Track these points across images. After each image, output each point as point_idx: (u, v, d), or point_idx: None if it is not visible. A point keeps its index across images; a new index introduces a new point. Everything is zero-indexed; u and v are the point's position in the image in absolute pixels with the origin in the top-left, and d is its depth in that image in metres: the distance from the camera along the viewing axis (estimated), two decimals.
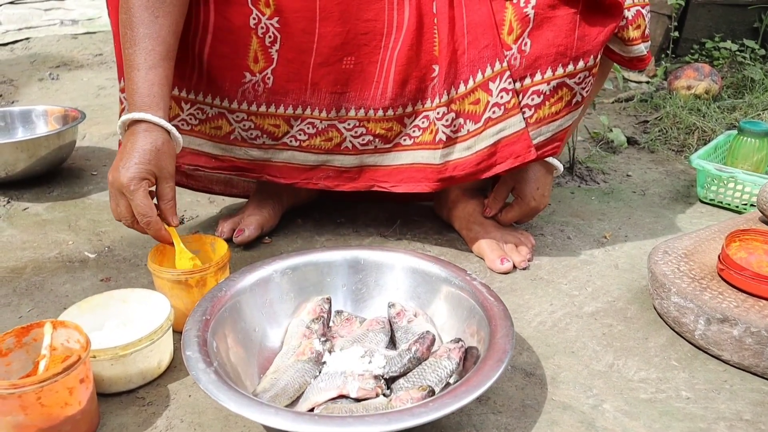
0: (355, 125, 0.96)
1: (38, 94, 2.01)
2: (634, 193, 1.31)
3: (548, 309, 0.89)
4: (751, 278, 0.78)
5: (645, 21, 0.89)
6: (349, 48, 0.92)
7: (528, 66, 0.86)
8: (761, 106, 1.76)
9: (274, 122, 0.97)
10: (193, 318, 0.68)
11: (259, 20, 0.90)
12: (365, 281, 0.83)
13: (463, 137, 0.92)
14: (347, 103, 0.95)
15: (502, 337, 0.66)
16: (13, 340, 0.66)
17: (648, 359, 0.79)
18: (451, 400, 0.57)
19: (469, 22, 0.88)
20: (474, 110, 0.90)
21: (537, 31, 0.85)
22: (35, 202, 1.23)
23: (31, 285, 0.94)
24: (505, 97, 0.88)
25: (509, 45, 0.86)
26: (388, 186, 0.99)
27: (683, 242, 0.92)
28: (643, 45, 0.91)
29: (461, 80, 0.89)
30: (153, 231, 0.80)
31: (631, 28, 0.88)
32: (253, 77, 0.94)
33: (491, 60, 0.87)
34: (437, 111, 0.92)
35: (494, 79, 0.88)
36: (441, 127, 0.92)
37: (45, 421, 0.60)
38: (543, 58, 0.85)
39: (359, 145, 0.97)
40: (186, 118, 0.98)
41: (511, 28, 0.86)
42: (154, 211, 0.79)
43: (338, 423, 0.55)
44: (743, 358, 0.75)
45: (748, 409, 0.70)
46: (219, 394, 0.57)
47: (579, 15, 0.83)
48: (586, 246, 1.08)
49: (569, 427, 0.67)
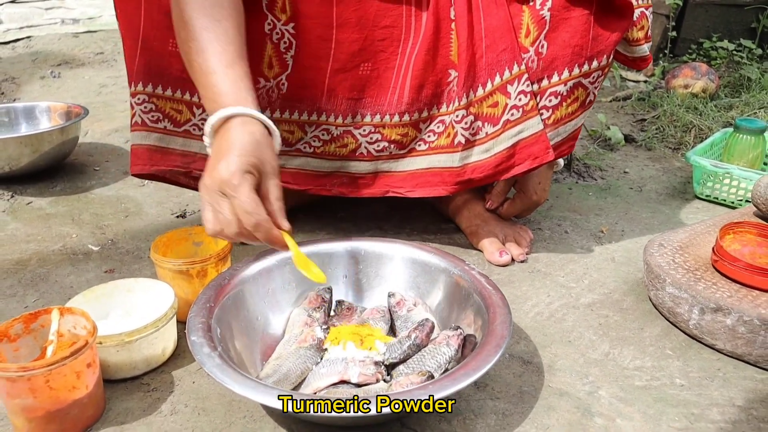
0: (371, 131, 0.96)
1: (40, 92, 2.03)
2: (631, 189, 1.33)
3: (545, 300, 0.91)
4: (744, 269, 0.80)
5: (648, 22, 0.91)
6: (367, 54, 0.92)
7: (545, 68, 0.87)
8: (758, 104, 1.78)
9: (289, 128, 0.97)
10: (197, 305, 0.69)
11: (274, 26, 0.90)
12: (366, 272, 0.84)
13: (482, 140, 0.92)
14: (363, 109, 0.95)
15: (499, 324, 0.67)
16: (22, 326, 0.67)
17: (643, 348, 0.80)
18: (450, 383, 0.58)
19: (486, 26, 0.88)
20: (492, 113, 0.91)
21: (553, 33, 0.86)
22: (39, 196, 1.25)
23: (36, 276, 0.96)
24: (523, 100, 0.88)
25: (527, 48, 0.87)
26: (404, 191, 0.99)
27: (678, 235, 0.94)
28: (646, 45, 0.93)
29: (479, 83, 0.90)
30: (263, 232, 0.67)
31: (636, 29, 0.90)
32: (267, 83, 0.94)
33: (509, 63, 0.88)
34: (456, 114, 0.92)
35: (512, 81, 0.88)
36: (460, 130, 0.92)
37: (53, 404, 0.61)
38: (560, 59, 0.87)
39: (374, 151, 0.97)
40: (198, 123, 0.97)
41: (528, 30, 0.87)
42: (262, 208, 0.67)
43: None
44: (736, 346, 0.77)
45: (740, 395, 0.72)
46: (224, 377, 0.59)
47: (593, 15, 0.85)
48: (583, 240, 1.09)
49: (565, 413, 0.69)
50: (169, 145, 0.98)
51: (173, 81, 0.93)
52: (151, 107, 0.95)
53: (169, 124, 0.97)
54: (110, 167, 1.39)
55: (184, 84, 0.93)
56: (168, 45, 0.90)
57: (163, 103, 0.95)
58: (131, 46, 0.92)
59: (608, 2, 0.84)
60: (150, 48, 0.91)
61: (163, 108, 0.96)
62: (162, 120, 0.96)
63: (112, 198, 1.24)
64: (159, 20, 0.89)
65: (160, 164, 0.98)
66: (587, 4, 0.84)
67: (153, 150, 0.98)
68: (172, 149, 0.98)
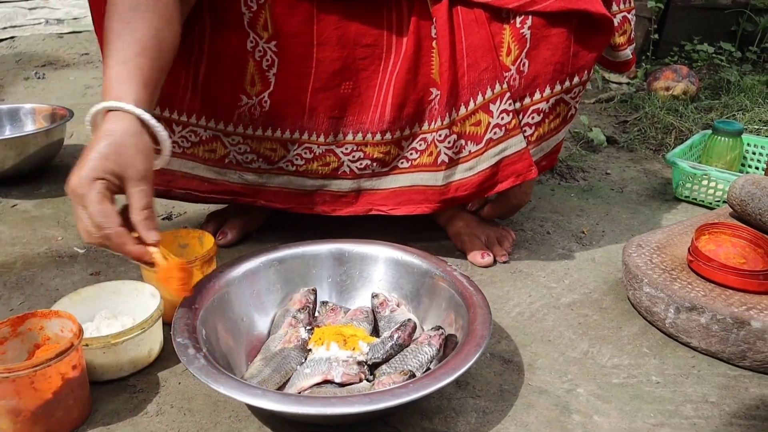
0: (353, 150, 0.95)
1: (24, 93, 2.02)
2: (612, 190, 1.35)
3: (527, 300, 0.93)
4: (718, 268, 0.82)
5: (630, 26, 0.92)
6: (348, 73, 0.92)
7: (527, 86, 0.88)
8: (736, 106, 1.81)
9: (271, 146, 0.96)
10: (183, 307, 0.70)
11: (256, 43, 0.89)
12: (349, 273, 0.86)
13: (465, 158, 0.93)
14: (345, 127, 0.94)
15: (480, 324, 0.69)
16: (9, 330, 0.68)
17: (621, 347, 0.82)
18: (431, 381, 0.60)
19: (468, 45, 0.88)
20: (475, 131, 0.91)
21: (534, 51, 0.86)
22: (24, 199, 1.25)
23: (21, 279, 0.96)
24: (506, 119, 0.89)
25: (508, 66, 0.87)
26: (387, 209, 0.99)
27: (656, 236, 0.96)
28: (629, 49, 0.94)
29: (462, 102, 0.90)
30: (115, 246, 0.63)
31: (617, 34, 0.92)
32: (249, 100, 0.93)
33: (491, 82, 0.88)
34: (439, 133, 0.92)
35: (495, 100, 0.89)
36: (443, 149, 0.92)
37: (38, 405, 0.62)
38: (541, 77, 0.87)
39: (357, 169, 0.97)
40: (178, 141, 0.96)
41: (510, 49, 0.87)
42: (113, 218, 0.62)
43: (323, 403, 0.57)
44: (710, 344, 0.79)
45: (713, 392, 0.74)
46: (208, 379, 0.60)
47: (573, 33, 0.85)
48: (564, 240, 1.11)
49: (544, 410, 0.70)
50: None
51: None
52: None
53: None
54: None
55: (164, 101, 0.92)
56: None
57: None
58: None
59: (588, 19, 0.84)
60: None
61: None
62: None
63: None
64: None
65: None
66: (567, 21, 0.84)
67: None
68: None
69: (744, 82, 2.01)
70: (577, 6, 0.82)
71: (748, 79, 2.05)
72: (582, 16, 0.84)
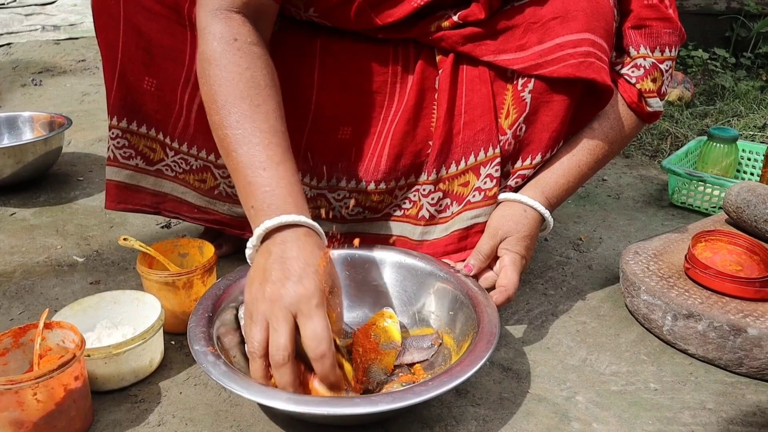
0: (345, 196, 0.92)
1: (21, 100, 2.02)
2: (609, 196, 1.36)
3: (525, 308, 0.93)
4: (715, 276, 0.83)
5: (662, 76, 0.87)
6: (347, 118, 0.89)
7: (520, 149, 0.86)
8: (731, 112, 1.83)
9: None
10: (195, 315, 0.71)
11: None
12: (354, 277, 0.86)
13: (446, 218, 0.89)
14: (339, 173, 0.91)
15: (488, 323, 0.71)
16: (10, 341, 0.68)
17: (619, 354, 0.83)
18: (449, 378, 0.62)
19: (467, 101, 0.85)
20: (462, 192, 0.88)
21: (533, 116, 0.83)
22: (22, 207, 1.25)
23: (20, 288, 0.96)
24: (488, 184, 0.85)
25: (505, 130, 0.85)
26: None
27: (653, 243, 0.97)
28: (658, 99, 0.88)
29: (453, 160, 0.87)
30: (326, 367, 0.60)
31: (648, 79, 0.86)
32: None
33: (485, 144, 0.85)
34: (424, 187, 0.89)
35: (486, 163, 0.85)
36: (426, 205, 0.89)
37: (41, 417, 0.62)
38: (536, 143, 0.85)
39: (348, 215, 0.93)
40: (170, 164, 0.94)
41: (509, 112, 0.84)
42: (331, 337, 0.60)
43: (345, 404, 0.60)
44: (707, 351, 0.80)
45: (711, 398, 0.75)
46: (231, 384, 0.61)
47: (575, 100, 0.82)
48: (562, 248, 1.12)
49: (543, 418, 0.71)
50: (140, 183, 0.95)
51: (148, 119, 0.91)
52: (124, 143, 0.93)
53: (141, 161, 0.94)
54: (94, 177, 1.40)
55: (158, 125, 0.91)
56: (143, 83, 0.88)
57: (137, 140, 0.93)
58: (110, 77, 0.90)
59: (591, 87, 0.82)
60: (127, 83, 0.89)
61: (137, 145, 0.93)
62: (134, 157, 0.94)
63: (97, 208, 1.24)
64: (136, 56, 0.87)
65: (128, 202, 0.96)
66: (571, 88, 0.81)
67: (122, 187, 0.95)
68: (143, 188, 0.96)
69: (739, 88, 2.03)
70: (585, 75, 0.79)
71: (742, 85, 2.06)
72: (586, 83, 0.81)
